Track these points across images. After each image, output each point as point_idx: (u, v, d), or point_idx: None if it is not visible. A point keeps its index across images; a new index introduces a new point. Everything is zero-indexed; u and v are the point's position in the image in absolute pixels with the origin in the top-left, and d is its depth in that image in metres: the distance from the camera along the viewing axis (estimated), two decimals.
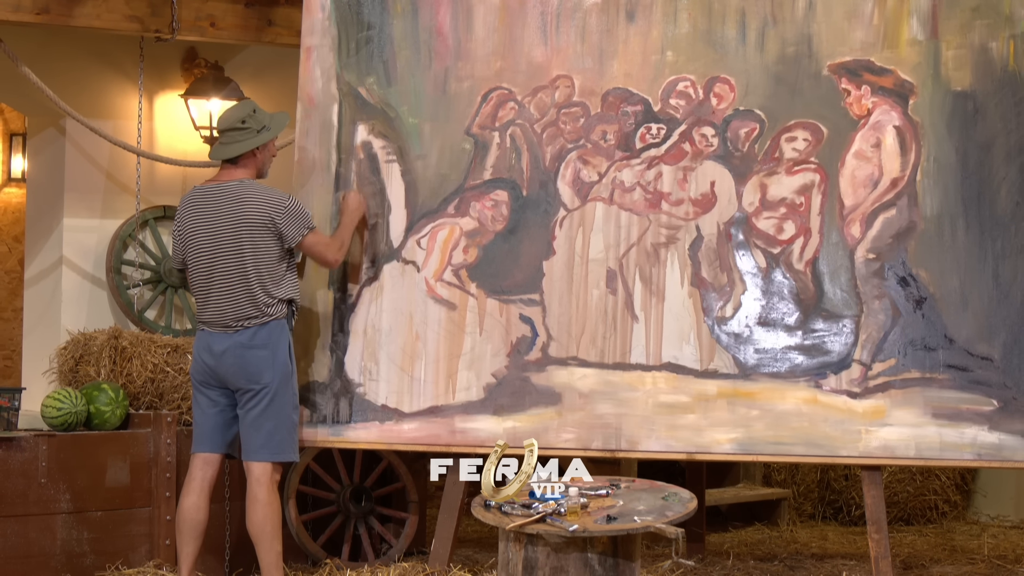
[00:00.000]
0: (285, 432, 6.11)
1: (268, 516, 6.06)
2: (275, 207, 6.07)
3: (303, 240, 6.13)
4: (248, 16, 7.45)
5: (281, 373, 6.08)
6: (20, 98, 7.91)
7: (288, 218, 6.09)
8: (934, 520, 8.75)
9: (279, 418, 6.09)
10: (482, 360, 6.38)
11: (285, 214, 6.08)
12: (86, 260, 7.86)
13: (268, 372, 6.06)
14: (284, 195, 6.14)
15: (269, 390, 6.07)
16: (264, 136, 6.16)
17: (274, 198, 6.10)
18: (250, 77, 8.15)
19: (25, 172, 9.45)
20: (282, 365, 6.09)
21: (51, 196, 7.95)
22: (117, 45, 7.83)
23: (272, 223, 6.06)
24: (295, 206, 6.13)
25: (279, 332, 6.11)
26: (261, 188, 6.14)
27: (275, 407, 6.08)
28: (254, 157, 6.20)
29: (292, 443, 6.15)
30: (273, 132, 6.20)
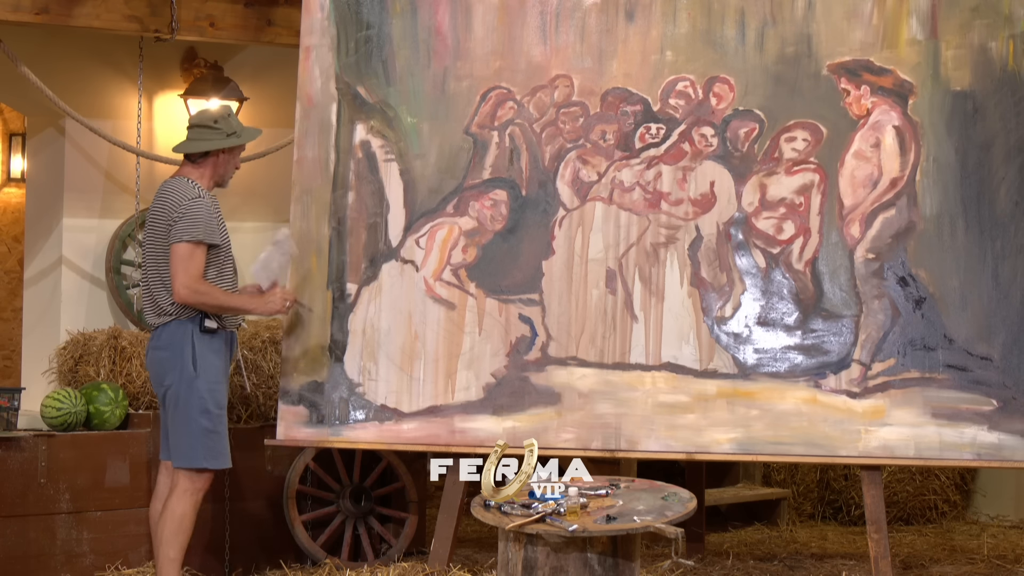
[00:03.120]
0: (190, 438, 5.88)
1: (165, 519, 5.91)
2: (176, 205, 5.86)
3: (173, 245, 5.82)
4: (247, 16, 7.44)
5: (183, 375, 5.86)
6: (20, 98, 7.91)
7: (181, 218, 5.83)
8: (934, 520, 8.75)
9: (183, 423, 5.89)
10: (481, 360, 6.38)
11: (180, 213, 5.84)
12: (85, 260, 7.86)
13: (169, 374, 5.89)
14: (193, 197, 5.88)
15: (172, 393, 5.89)
16: (231, 141, 6.02)
17: (180, 196, 5.88)
18: (249, 77, 8.15)
19: (25, 172, 9.45)
20: (183, 367, 5.87)
21: (51, 196, 7.94)
22: (117, 45, 7.83)
23: (171, 220, 5.87)
24: (194, 210, 5.84)
25: (181, 333, 5.88)
26: (180, 186, 5.93)
27: (180, 411, 5.89)
28: (214, 162, 6.05)
29: (199, 450, 5.88)
30: (241, 140, 6.06)
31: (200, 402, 5.89)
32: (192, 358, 5.88)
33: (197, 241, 5.85)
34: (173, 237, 5.83)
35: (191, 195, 5.88)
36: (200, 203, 5.88)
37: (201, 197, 5.91)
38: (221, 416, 5.97)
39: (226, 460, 6.00)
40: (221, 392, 5.97)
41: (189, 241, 5.83)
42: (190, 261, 5.83)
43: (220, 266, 5.99)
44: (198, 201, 5.88)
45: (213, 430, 5.92)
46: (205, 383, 5.90)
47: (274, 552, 7.20)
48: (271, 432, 6.81)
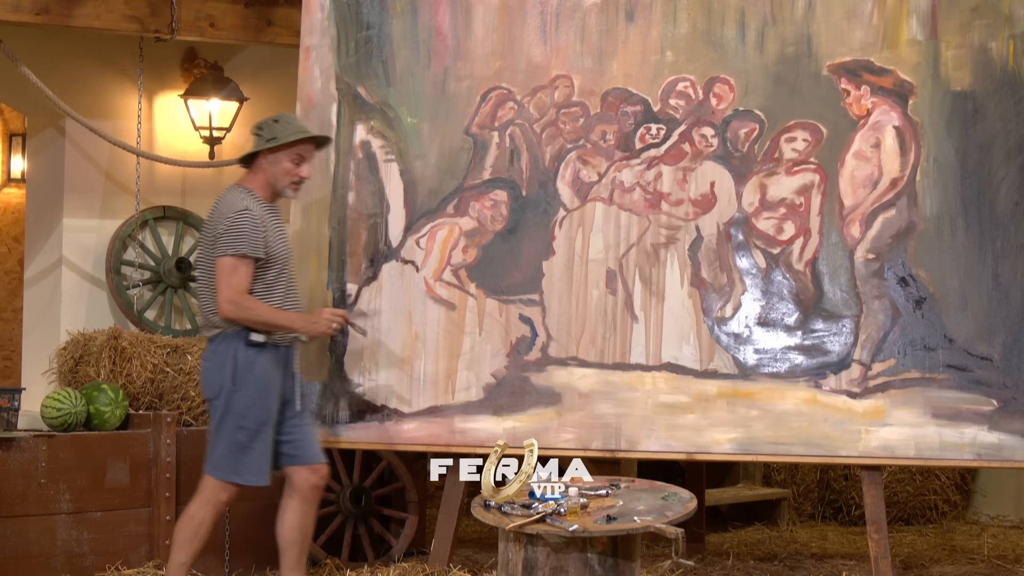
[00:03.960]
0: (223, 450, 5.78)
1: (183, 522, 5.86)
2: (223, 217, 5.75)
3: (217, 259, 5.72)
4: (247, 16, 7.45)
5: (223, 388, 5.76)
6: (20, 98, 7.91)
7: (225, 231, 5.71)
8: (934, 520, 8.75)
9: (220, 434, 5.80)
10: (482, 360, 6.38)
11: (225, 226, 5.72)
12: (86, 260, 7.86)
13: (212, 386, 5.80)
14: (239, 210, 5.73)
15: (214, 405, 5.82)
16: (264, 146, 5.85)
17: (227, 208, 5.76)
18: (249, 77, 8.15)
19: (25, 172, 9.45)
20: (224, 380, 5.75)
21: (51, 196, 7.94)
22: (117, 45, 7.83)
23: (216, 232, 5.76)
24: (239, 223, 5.71)
25: (226, 346, 5.76)
26: (230, 197, 5.81)
27: (218, 423, 5.81)
28: (262, 168, 5.88)
29: (230, 463, 5.78)
30: (275, 143, 5.84)
31: (236, 417, 5.76)
32: (233, 371, 5.75)
33: (241, 255, 5.70)
34: (217, 250, 5.72)
35: (238, 207, 5.74)
36: (245, 216, 5.71)
37: (248, 209, 5.74)
38: (259, 432, 5.78)
39: (258, 477, 5.83)
40: (262, 408, 5.78)
41: (232, 255, 5.69)
42: (233, 275, 5.70)
43: (273, 280, 5.82)
44: (244, 214, 5.72)
45: (247, 446, 5.77)
46: (244, 398, 5.75)
47: (274, 552, 7.18)
48: None
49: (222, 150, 8.04)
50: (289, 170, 5.87)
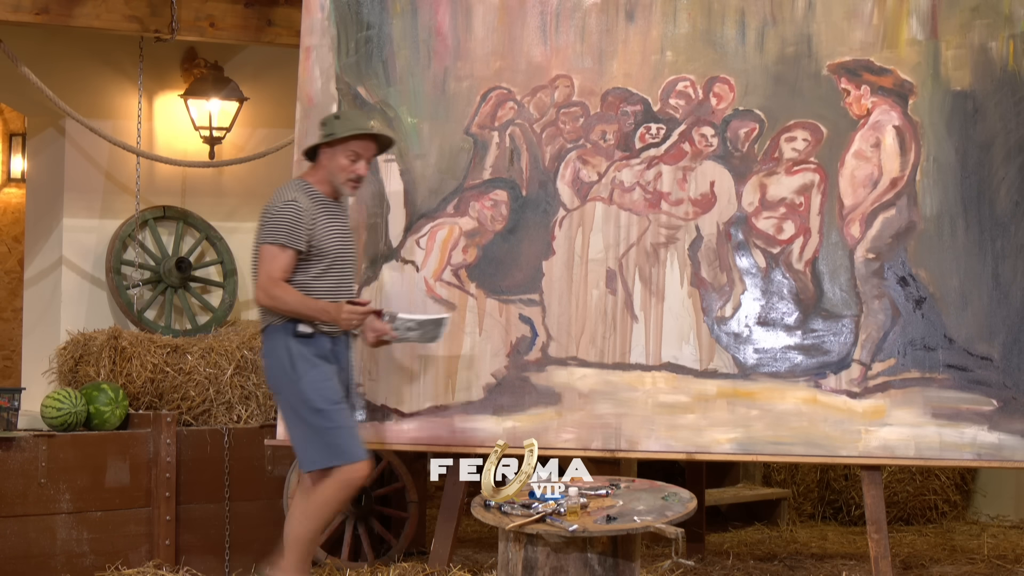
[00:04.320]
0: (310, 441, 5.69)
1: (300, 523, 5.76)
2: (270, 206, 5.73)
3: (260, 246, 5.70)
4: (248, 16, 7.45)
5: (287, 381, 5.70)
6: (20, 98, 7.91)
7: (268, 220, 5.69)
8: (934, 520, 8.75)
9: (300, 428, 5.72)
10: (482, 360, 6.38)
11: (270, 215, 5.69)
12: (86, 260, 7.86)
13: (276, 382, 5.76)
14: (286, 200, 5.70)
15: (283, 400, 5.79)
16: (319, 140, 5.78)
17: (277, 197, 5.75)
18: (250, 77, 8.15)
19: (25, 172, 9.45)
20: (285, 373, 5.70)
21: (51, 196, 7.94)
22: (117, 45, 7.83)
23: (263, 220, 5.75)
24: (283, 213, 5.66)
25: (276, 339, 5.72)
26: (284, 188, 5.78)
27: (294, 417, 5.74)
28: (321, 163, 5.79)
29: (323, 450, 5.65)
30: (333, 135, 5.74)
31: (308, 403, 5.67)
32: (290, 362, 5.69)
33: (279, 244, 5.64)
34: (259, 238, 5.70)
35: (286, 197, 5.69)
36: (290, 206, 5.65)
37: (294, 201, 5.67)
38: (336, 411, 5.69)
39: (353, 454, 5.68)
40: (329, 388, 5.70)
41: (271, 243, 5.64)
42: (270, 263, 5.65)
43: (320, 273, 5.75)
44: (289, 204, 5.66)
45: (332, 426, 5.67)
46: (308, 383, 5.68)
47: (274, 552, 7.19)
48: (271, 432, 6.81)
49: (222, 150, 8.04)
50: (345, 166, 5.78)
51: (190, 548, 7.00)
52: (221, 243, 8.13)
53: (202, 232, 8.11)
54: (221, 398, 7.29)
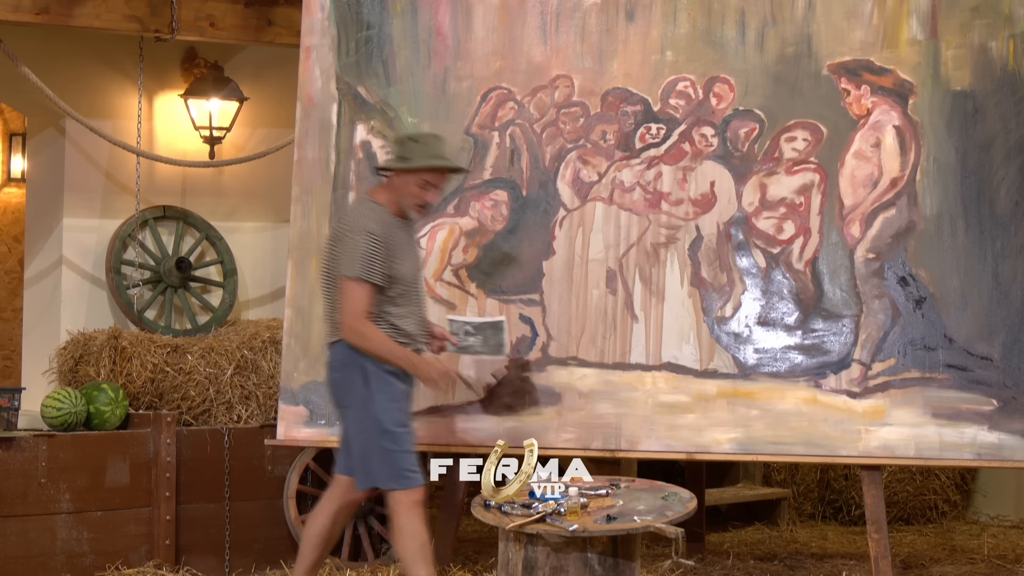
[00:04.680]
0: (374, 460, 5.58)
1: (402, 543, 5.60)
2: (346, 231, 5.56)
3: (340, 280, 5.55)
4: (248, 16, 7.45)
5: (358, 398, 5.59)
6: (20, 98, 7.91)
7: (344, 250, 5.54)
8: (934, 520, 8.75)
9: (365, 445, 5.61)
10: (482, 360, 6.37)
11: (344, 244, 5.55)
12: (86, 260, 7.85)
13: (346, 396, 5.66)
14: (360, 230, 5.52)
15: (351, 414, 5.66)
16: (393, 164, 5.64)
17: (351, 224, 5.56)
18: (250, 77, 8.15)
19: (25, 172, 9.45)
20: (357, 390, 5.60)
21: (51, 196, 7.94)
22: (117, 45, 7.83)
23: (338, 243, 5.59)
24: (358, 245, 5.50)
25: (350, 355, 5.58)
26: (359, 211, 5.63)
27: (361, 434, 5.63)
28: (393, 184, 5.64)
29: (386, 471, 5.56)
30: (402, 166, 5.60)
31: (377, 423, 5.57)
32: (364, 379, 5.58)
33: (357, 279, 5.50)
34: (337, 267, 5.55)
35: (360, 226, 5.53)
36: (367, 241, 5.50)
37: (370, 232, 5.52)
38: (403, 434, 5.60)
39: (414, 479, 5.58)
40: (399, 410, 5.63)
41: (351, 278, 5.51)
42: (354, 300, 5.51)
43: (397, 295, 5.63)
44: (364, 237, 5.50)
45: (396, 450, 5.57)
46: (380, 403, 5.58)
47: (274, 552, 7.20)
48: (271, 432, 6.81)
49: (222, 150, 8.04)
50: (415, 194, 5.63)
51: (190, 548, 7.00)
52: (221, 243, 8.13)
53: (202, 232, 8.11)
54: (221, 398, 7.29)
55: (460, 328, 5.96)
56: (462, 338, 5.95)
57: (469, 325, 5.95)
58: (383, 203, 5.63)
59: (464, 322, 5.97)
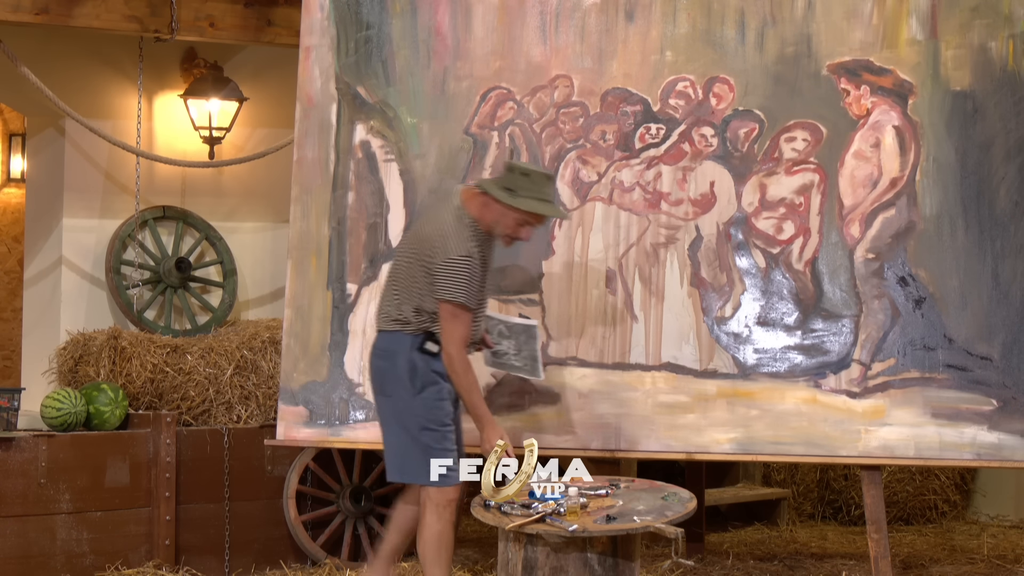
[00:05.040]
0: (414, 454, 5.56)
1: (426, 540, 5.63)
2: (443, 248, 5.49)
3: (442, 304, 5.50)
4: (247, 16, 7.45)
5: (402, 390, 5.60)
6: (19, 98, 7.91)
7: (447, 272, 5.47)
8: (934, 520, 8.75)
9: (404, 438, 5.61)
10: (481, 360, 6.37)
11: (443, 264, 5.47)
12: (85, 260, 7.86)
13: (388, 386, 5.64)
14: (462, 255, 5.48)
15: (391, 404, 5.64)
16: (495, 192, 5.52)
17: (450, 243, 5.50)
18: (249, 77, 8.15)
19: (24, 172, 9.45)
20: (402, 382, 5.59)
21: (50, 196, 7.94)
22: (116, 45, 7.83)
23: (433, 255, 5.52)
24: (459, 270, 5.46)
25: (399, 346, 5.59)
26: (456, 227, 5.53)
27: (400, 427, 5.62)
28: (490, 206, 5.55)
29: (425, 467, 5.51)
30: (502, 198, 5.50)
31: (420, 419, 5.56)
32: (411, 375, 5.58)
33: (461, 305, 5.48)
34: (438, 289, 5.49)
35: (460, 251, 5.48)
36: (469, 265, 5.48)
37: (469, 257, 5.49)
38: (443, 433, 5.59)
39: (449, 478, 5.52)
40: (441, 409, 5.61)
41: (453, 303, 5.48)
42: (454, 324, 5.50)
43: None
44: (463, 261, 5.47)
45: (437, 447, 5.55)
46: (423, 400, 5.58)
47: (274, 552, 7.20)
48: (271, 432, 6.81)
49: (222, 150, 8.04)
50: (510, 227, 5.58)
51: (190, 548, 7.00)
52: (221, 243, 8.13)
53: (202, 232, 8.11)
54: (221, 398, 7.29)
55: (495, 326, 5.93)
56: (495, 338, 5.92)
57: (503, 325, 5.92)
58: (475, 216, 5.58)
59: (499, 320, 5.94)
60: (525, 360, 5.94)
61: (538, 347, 5.93)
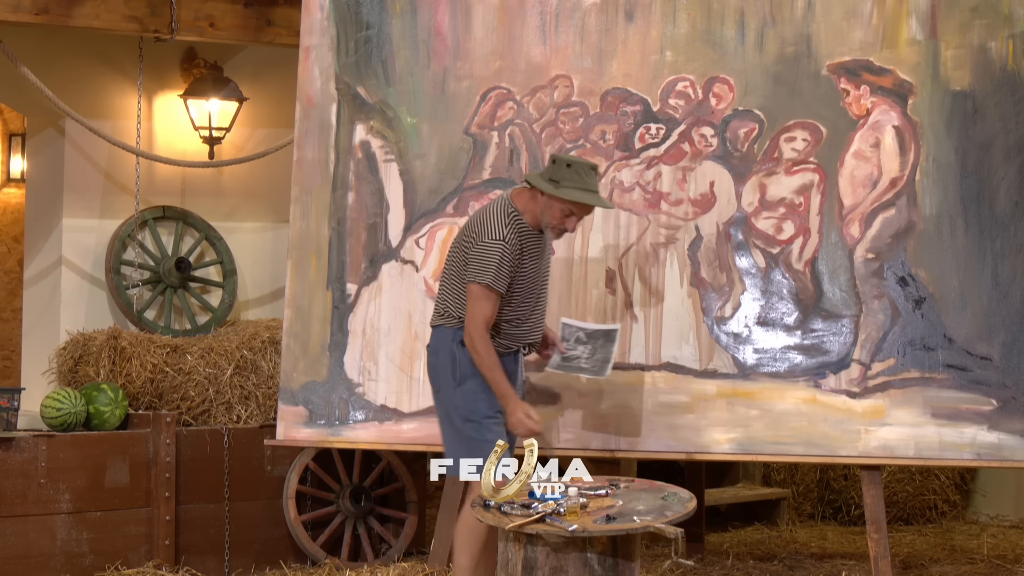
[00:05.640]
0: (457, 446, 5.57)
1: (460, 529, 5.64)
2: (479, 233, 5.52)
3: (469, 284, 5.52)
4: (247, 16, 7.45)
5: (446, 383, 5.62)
6: (19, 98, 7.91)
7: (475, 255, 5.51)
8: (933, 520, 8.75)
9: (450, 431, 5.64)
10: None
11: (477, 248, 5.51)
12: (85, 260, 7.85)
13: (437, 380, 5.67)
14: (494, 238, 5.48)
15: (440, 398, 5.67)
16: (540, 184, 5.50)
17: (486, 227, 5.52)
18: (249, 77, 8.15)
19: (24, 172, 9.45)
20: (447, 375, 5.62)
21: (50, 196, 7.94)
22: (116, 45, 7.83)
23: (469, 244, 5.55)
24: (490, 253, 5.47)
25: (443, 340, 5.63)
26: (497, 215, 5.54)
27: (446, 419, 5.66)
28: (536, 199, 5.54)
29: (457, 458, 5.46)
30: (551, 191, 5.48)
31: (459, 410, 5.60)
32: (453, 368, 5.61)
33: (486, 286, 5.48)
34: (468, 271, 5.52)
35: (494, 234, 5.49)
36: (501, 248, 5.47)
37: (503, 240, 5.48)
38: (485, 425, 5.58)
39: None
40: (483, 400, 5.59)
41: (480, 284, 5.49)
42: (480, 307, 5.50)
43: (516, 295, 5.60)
44: (497, 244, 5.48)
45: (479, 439, 5.53)
46: (466, 392, 5.59)
47: (274, 552, 7.20)
48: (271, 432, 6.81)
49: (222, 150, 8.04)
50: (556, 217, 5.56)
51: (190, 548, 7.00)
52: (221, 243, 8.13)
53: (202, 232, 8.11)
54: (221, 398, 7.29)
55: (572, 333, 5.89)
56: (571, 345, 5.88)
57: (582, 331, 5.89)
58: (522, 210, 5.58)
59: (578, 327, 5.90)
60: (595, 362, 5.92)
61: (615, 349, 5.90)
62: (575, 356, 5.91)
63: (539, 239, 5.64)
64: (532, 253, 5.60)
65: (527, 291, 5.64)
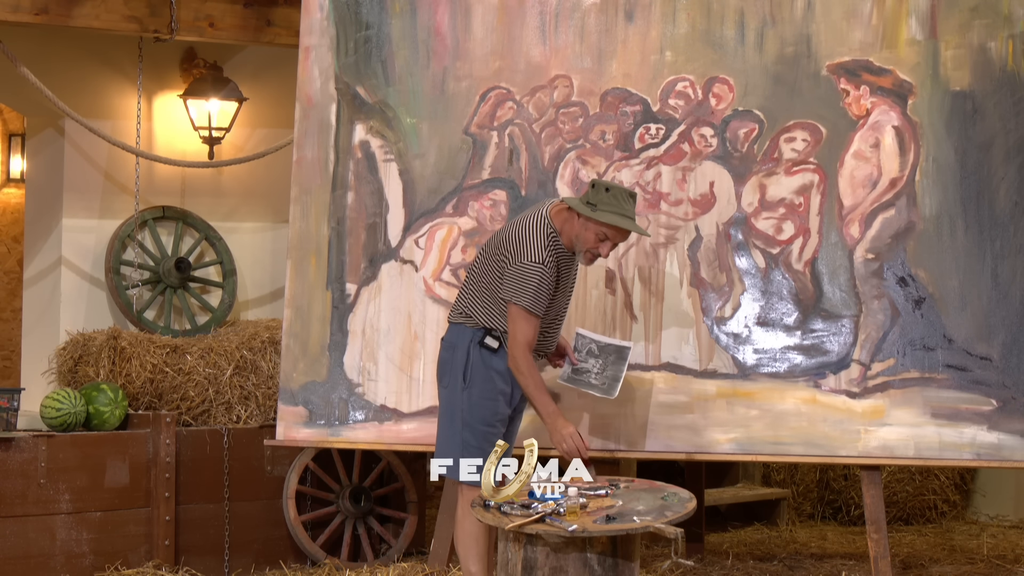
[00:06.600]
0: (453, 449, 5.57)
1: (460, 538, 5.64)
2: (516, 252, 5.51)
3: (509, 304, 5.51)
4: (247, 16, 7.45)
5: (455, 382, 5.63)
6: (19, 98, 7.91)
7: (515, 274, 5.49)
8: (933, 520, 8.75)
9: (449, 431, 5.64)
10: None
11: (515, 268, 5.50)
12: (85, 260, 7.86)
13: (445, 377, 5.68)
14: (534, 261, 5.48)
15: (444, 395, 5.67)
16: (577, 207, 5.50)
17: (526, 248, 5.51)
18: (249, 77, 8.15)
19: (24, 172, 9.45)
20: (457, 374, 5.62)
21: (50, 196, 7.94)
22: (116, 45, 7.83)
23: (506, 259, 5.54)
24: (531, 276, 5.47)
25: (460, 338, 5.62)
26: (537, 234, 5.53)
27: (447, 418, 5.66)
28: (573, 220, 5.54)
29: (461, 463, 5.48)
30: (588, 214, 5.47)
31: (463, 415, 5.60)
32: (465, 367, 5.61)
33: (527, 309, 5.49)
34: (506, 290, 5.51)
35: (534, 257, 5.49)
36: (541, 272, 5.48)
37: (543, 265, 5.49)
38: (487, 433, 5.59)
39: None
40: (490, 408, 5.61)
41: (522, 307, 5.49)
42: (522, 328, 5.50)
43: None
44: (536, 268, 5.48)
45: (476, 446, 5.55)
46: (474, 396, 5.60)
47: (274, 552, 7.20)
48: (271, 432, 6.81)
49: (221, 150, 8.05)
50: (590, 241, 5.55)
51: (189, 548, 7.00)
52: (220, 243, 8.13)
53: (201, 232, 8.11)
54: (220, 398, 7.29)
55: (585, 345, 5.88)
56: (583, 357, 5.87)
57: (595, 344, 5.88)
58: (559, 230, 5.58)
59: (592, 339, 5.89)
60: (605, 380, 5.89)
61: (624, 369, 5.87)
62: (585, 370, 5.90)
63: (572, 260, 5.66)
64: (564, 273, 5.62)
65: (557, 309, 5.68)
